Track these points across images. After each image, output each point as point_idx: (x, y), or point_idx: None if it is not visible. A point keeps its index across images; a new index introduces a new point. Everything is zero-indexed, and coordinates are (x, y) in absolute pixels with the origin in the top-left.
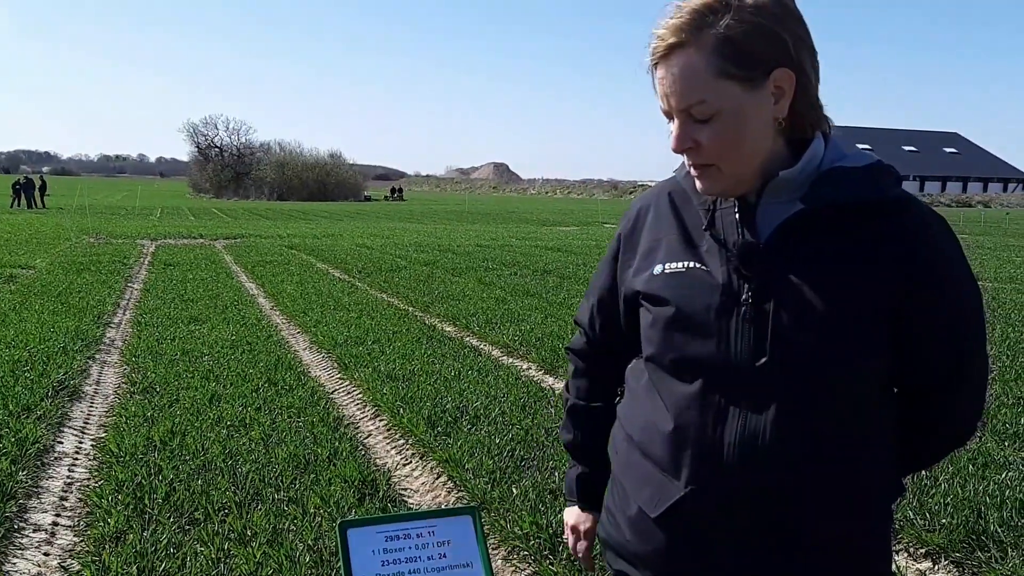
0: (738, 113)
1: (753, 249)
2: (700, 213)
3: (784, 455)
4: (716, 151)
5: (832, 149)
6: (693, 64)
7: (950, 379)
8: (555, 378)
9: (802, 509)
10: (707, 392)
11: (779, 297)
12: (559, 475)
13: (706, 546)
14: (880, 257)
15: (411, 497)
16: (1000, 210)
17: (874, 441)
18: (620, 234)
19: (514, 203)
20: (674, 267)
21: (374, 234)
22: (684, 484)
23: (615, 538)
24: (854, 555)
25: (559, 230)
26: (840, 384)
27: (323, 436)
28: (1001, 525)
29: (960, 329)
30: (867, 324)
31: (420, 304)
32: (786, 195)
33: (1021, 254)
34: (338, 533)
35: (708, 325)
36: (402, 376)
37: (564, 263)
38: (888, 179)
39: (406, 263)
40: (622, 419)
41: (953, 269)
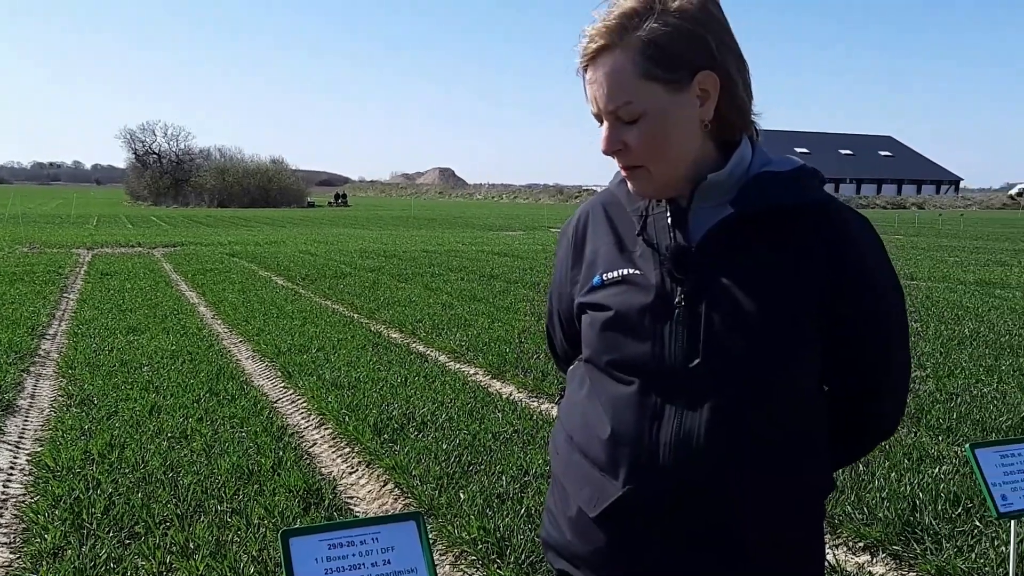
0: (663, 115)
1: (685, 252)
2: (633, 219)
3: (718, 455)
4: (644, 152)
5: (759, 154)
6: (619, 66)
7: (875, 377)
8: (502, 383)
9: (737, 508)
10: (643, 393)
11: (711, 300)
12: (507, 479)
13: (644, 545)
14: (807, 259)
15: (357, 505)
16: (933, 211)
17: (807, 439)
18: (566, 254)
19: (460, 208)
20: (611, 275)
21: (318, 240)
22: (622, 484)
23: (556, 538)
24: (789, 552)
25: (505, 235)
26: (771, 384)
27: (267, 446)
28: (936, 517)
29: (884, 328)
30: (796, 325)
31: (366, 311)
32: (715, 199)
33: (953, 254)
34: (280, 542)
35: (643, 328)
36: (347, 384)
37: (511, 268)
38: (813, 183)
39: (351, 269)
40: (562, 419)
41: (876, 270)
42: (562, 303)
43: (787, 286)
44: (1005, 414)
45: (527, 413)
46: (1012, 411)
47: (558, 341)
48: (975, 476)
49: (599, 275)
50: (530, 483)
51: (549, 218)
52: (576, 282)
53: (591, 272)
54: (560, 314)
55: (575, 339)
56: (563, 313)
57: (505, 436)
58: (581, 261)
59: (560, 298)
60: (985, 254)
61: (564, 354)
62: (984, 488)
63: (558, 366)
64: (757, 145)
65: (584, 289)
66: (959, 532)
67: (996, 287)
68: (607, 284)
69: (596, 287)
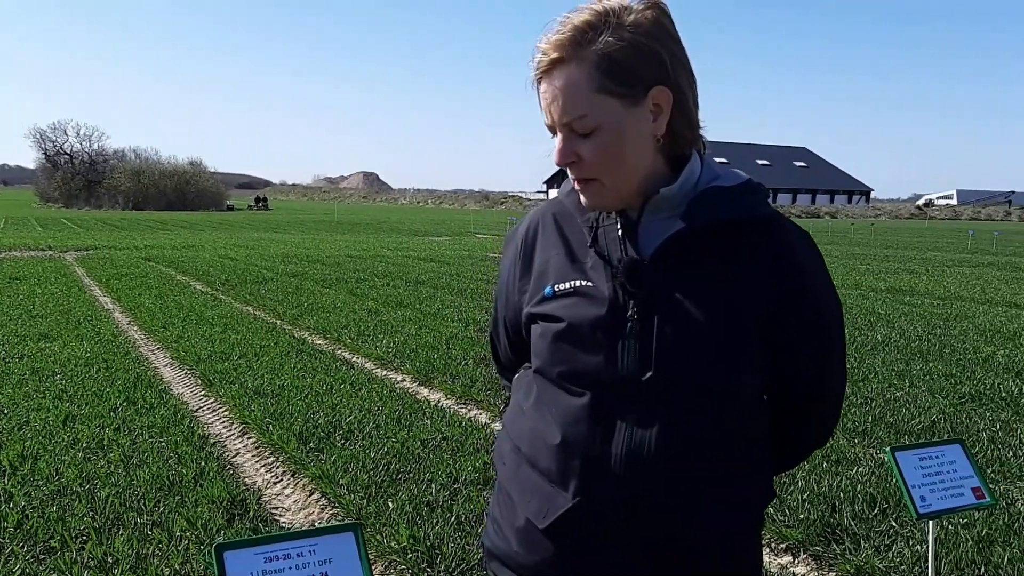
0: (618, 128)
1: (638, 265)
2: (584, 230)
3: (669, 466)
4: (597, 165)
5: (707, 169)
6: (574, 79)
7: (814, 389)
8: (430, 390)
9: (686, 518)
10: (594, 405)
11: (663, 312)
12: (436, 487)
13: (593, 556)
14: (754, 272)
15: (283, 516)
16: (846, 220)
17: (753, 448)
18: (513, 262)
19: (385, 213)
20: (562, 287)
21: (238, 244)
22: (572, 495)
23: (502, 548)
24: (734, 561)
25: (431, 240)
26: (722, 395)
27: (188, 456)
28: (854, 518)
29: (824, 339)
30: (745, 337)
31: (288, 317)
32: (666, 212)
33: (865, 262)
34: (213, 556)
35: (595, 340)
36: (271, 392)
37: (437, 273)
38: (759, 198)
39: (273, 274)
40: (508, 430)
41: (817, 284)
42: (508, 311)
43: (736, 299)
44: (917, 417)
45: (456, 420)
46: (924, 414)
47: (502, 349)
48: (895, 478)
49: (551, 286)
50: (460, 490)
51: (476, 224)
52: (525, 292)
53: (542, 282)
54: (507, 322)
55: (521, 348)
56: (510, 321)
57: (434, 443)
58: (530, 271)
59: (507, 306)
60: (895, 262)
61: (508, 362)
62: (904, 490)
63: (500, 374)
64: (705, 159)
65: (534, 299)
66: (876, 532)
67: (906, 294)
68: (559, 295)
69: (548, 298)
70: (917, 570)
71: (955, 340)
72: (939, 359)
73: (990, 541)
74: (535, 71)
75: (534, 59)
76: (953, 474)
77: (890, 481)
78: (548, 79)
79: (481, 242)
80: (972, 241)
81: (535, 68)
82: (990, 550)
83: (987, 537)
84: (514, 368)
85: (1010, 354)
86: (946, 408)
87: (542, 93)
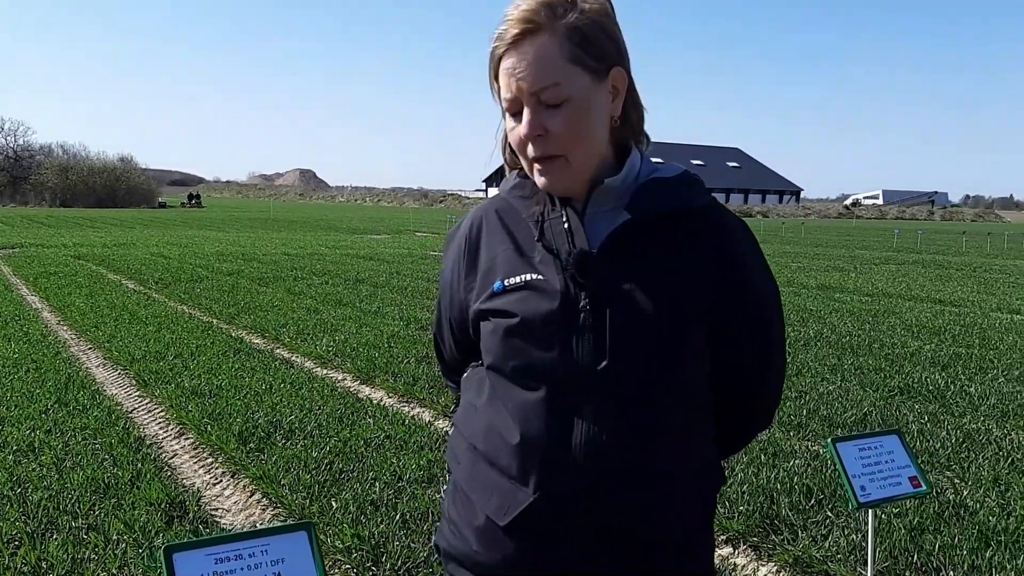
0: (586, 102)
1: (588, 257)
2: (530, 225)
3: (625, 457)
4: (565, 139)
5: (646, 162)
6: (547, 47)
7: (757, 380)
8: (372, 388)
9: (644, 510)
10: (551, 398)
11: (615, 303)
12: (380, 486)
13: (553, 552)
14: (698, 261)
15: (224, 517)
16: (777, 220)
17: (704, 437)
18: (457, 261)
19: (322, 211)
20: (512, 281)
21: (171, 243)
22: (532, 491)
23: (460, 548)
24: (691, 549)
25: (370, 238)
26: (675, 383)
27: (124, 458)
28: (791, 509)
29: (765, 326)
30: (694, 324)
31: (225, 316)
32: (609, 204)
33: (796, 260)
34: (163, 558)
35: (549, 333)
36: (209, 392)
37: (377, 272)
38: (698, 188)
39: (208, 273)
40: (462, 429)
41: (758, 279)
42: (453, 310)
43: (683, 287)
44: (850, 410)
45: (399, 418)
46: (856, 406)
47: (447, 348)
48: (836, 468)
49: (500, 281)
50: (405, 488)
51: (415, 222)
52: (472, 289)
53: (489, 279)
54: (452, 321)
55: (467, 346)
56: (455, 320)
57: (377, 442)
58: (476, 268)
59: (451, 305)
60: (825, 260)
61: (453, 361)
62: (845, 479)
63: (445, 374)
64: (644, 153)
65: (483, 296)
66: (812, 523)
67: (835, 291)
68: (509, 290)
69: (497, 293)
70: (853, 559)
71: (883, 335)
72: (869, 354)
73: (921, 529)
74: (501, 44)
75: (500, 32)
76: (891, 464)
77: (825, 472)
78: (516, 50)
79: (421, 240)
80: (898, 240)
81: (500, 42)
82: (922, 538)
83: (919, 526)
84: (460, 367)
85: (936, 348)
86: (877, 401)
87: (506, 67)
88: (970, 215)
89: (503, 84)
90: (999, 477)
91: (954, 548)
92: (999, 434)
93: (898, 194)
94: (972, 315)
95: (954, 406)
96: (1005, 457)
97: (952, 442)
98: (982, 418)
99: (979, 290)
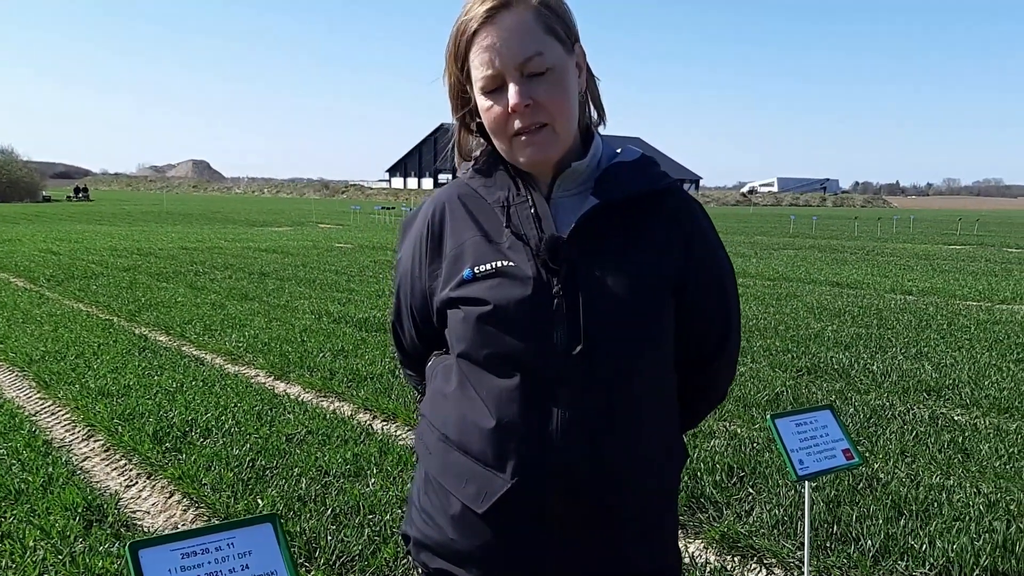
0: (565, 71)
1: (559, 242)
2: (496, 211)
3: (604, 438)
4: (552, 106)
5: (607, 146)
6: (524, 20)
7: (717, 348)
8: (287, 384)
9: (621, 488)
10: (526, 385)
11: (587, 287)
12: (306, 481)
13: (533, 536)
14: (664, 241)
15: (143, 519)
16: None
17: (671, 414)
18: (418, 248)
19: (218, 203)
20: (483, 268)
21: (60, 238)
22: (510, 476)
23: (434, 538)
24: (662, 526)
25: (271, 231)
26: (648, 362)
27: (32, 462)
28: (715, 487)
29: (725, 300)
30: (663, 304)
31: (125, 313)
32: (574, 188)
33: None
34: (128, 556)
35: (523, 319)
36: (116, 392)
37: (282, 264)
38: (657, 170)
39: (103, 269)
40: (430, 418)
41: (715, 245)
42: (415, 298)
43: (651, 268)
44: (763, 390)
45: (319, 413)
46: (768, 386)
47: (407, 338)
48: (775, 443)
49: (469, 268)
50: (332, 483)
51: (318, 213)
52: (436, 276)
53: (458, 266)
54: (413, 309)
55: (430, 336)
56: (416, 309)
57: (299, 438)
58: (440, 255)
59: (412, 293)
60: (726, 246)
61: (413, 351)
62: (784, 453)
63: (404, 365)
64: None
65: (452, 284)
66: (736, 499)
67: (739, 276)
68: (480, 277)
69: (467, 280)
70: (776, 532)
71: (788, 318)
72: (775, 336)
73: (838, 502)
74: (474, 20)
75: (468, 9)
76: (826, 437)
77: (743, 451)
78: (492, 26)
79: (325, 232)
80: (794, 225)
81: (472, 18)
82: (839, 509)
83: (835, 498)
84: (420, 357)
85: (837, 329)
86: (787, 381)
87: (484, 43)
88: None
89: (479, 61)
90: (905, 449)
91: (870, 518)
92: (902, 409)
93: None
94: (868, 296)
95: (859, 383)
96: (910, 431)
97: (860, 418)
98: (886, 394)
99: (873, 272)
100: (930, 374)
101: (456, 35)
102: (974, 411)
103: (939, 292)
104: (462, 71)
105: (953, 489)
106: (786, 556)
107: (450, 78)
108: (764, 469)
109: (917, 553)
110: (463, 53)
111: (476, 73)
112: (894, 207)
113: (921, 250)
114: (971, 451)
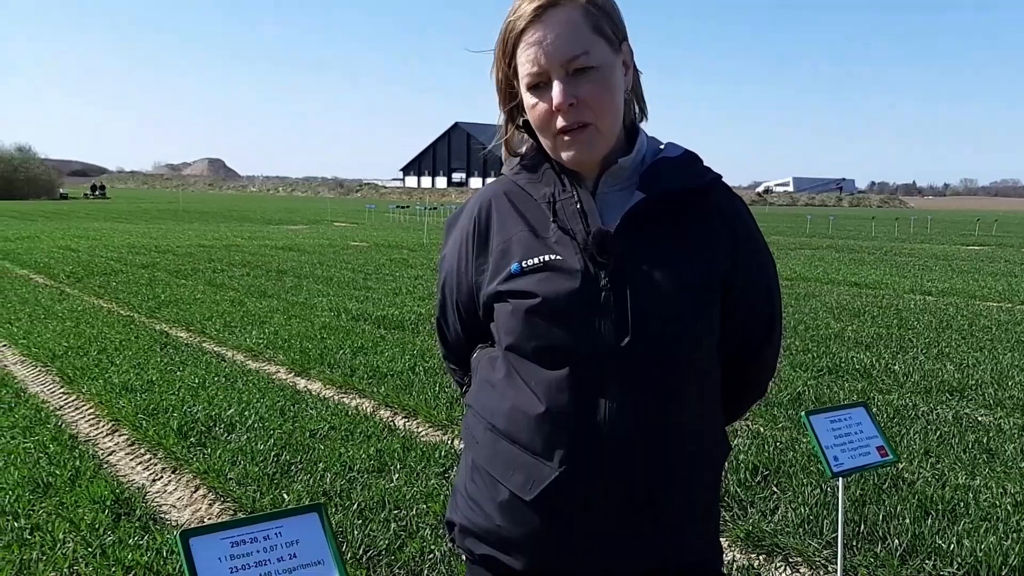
0: (611, 70)
1: (606, 236)
2: (543, 207)
3: (652, 430)
4: (597, 106)
5: (651, 142)
6: (572, 18)
7: (762, 342)
8: (308, 380)
9: (668, 479)
10: (575, 376)
11: (634, 280)
12: (331, 476)
13: (580, 525)
14: (710, 236)
15: (170, 513)
16: None
17: (716, 407)
18: (465, 244)
19: (234, 201)
20: (531, 262)
21: (79, 235)
22: (558, 465)
23: (482, 524)
24: (708, 519)
25: (287, 229)
26: (695, 355)
27: (59, 456)
28: (739, 486)
29: (770, 295)
30: (710, 298)
31: (145, 310)
32: (619, 184)
33: None
34: (180, 543)
35: (571, 312)
36: (140, 387)
37: (300, 262)
38: (701, 166)
39: (122, 266)
40: (477, 409)
41: (760, 242)
42: (460, 294)
43: (698, 262)
44: (785, 389)
45: (342, 409)
46: (789, 386)
47: (452, 332)
48: (810, 440)
49: (517, 263)
50: (356, 479)
51: (333, 212)
52: (483, 271)
53: (505, 260)
54: (459, 305)
55: (475, 330)
56: (462, 304)
57: (322, 433)
58: (487, 250)
59: (459, 289)
60: None
61: (457, 345)
62: (819, 450)
63: (447, 359)
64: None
65: (499, 278)
66: (760, 498)
67: None
68: (527, 271)
69: (515, 274)
70: (802, 531)
71: (807, 318)
72: (795, 335)
73: (864, 501)
74: (521, 19)
75: (517, 7)
76: (860, 435)
77: (767, 449)
78: (539, 25)
79: (340, 230)
80: (810, 225)
81: (520, 16)
82: (864, 509)
83: (860, 498)
84: (464, 351)
85: (858, 329)
86: (808, 380)
87: (532, 40)
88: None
89: (526, 58)
90: (930, 449)
91: (896, 518)
92: (925, 409)
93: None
94: (888, 297)
95: (881, 383)
96: (934, 431)
97: (883, 417)
98: (908, 394)
99: (892, 273)
100: (952, 374)
101: (505, 32)
102: (998, 411)
103: (959, 293)
104: (510, 67)
105: (979, 489)
106: (812, 555)
107: (498, 73)
108: (788, 468)
109: (944, 553)
110: (511, 50)
111: (522, 70)
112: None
113: (940, 251)
114: (996, 451)
